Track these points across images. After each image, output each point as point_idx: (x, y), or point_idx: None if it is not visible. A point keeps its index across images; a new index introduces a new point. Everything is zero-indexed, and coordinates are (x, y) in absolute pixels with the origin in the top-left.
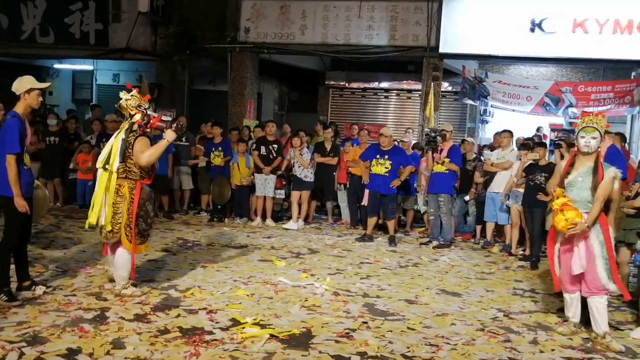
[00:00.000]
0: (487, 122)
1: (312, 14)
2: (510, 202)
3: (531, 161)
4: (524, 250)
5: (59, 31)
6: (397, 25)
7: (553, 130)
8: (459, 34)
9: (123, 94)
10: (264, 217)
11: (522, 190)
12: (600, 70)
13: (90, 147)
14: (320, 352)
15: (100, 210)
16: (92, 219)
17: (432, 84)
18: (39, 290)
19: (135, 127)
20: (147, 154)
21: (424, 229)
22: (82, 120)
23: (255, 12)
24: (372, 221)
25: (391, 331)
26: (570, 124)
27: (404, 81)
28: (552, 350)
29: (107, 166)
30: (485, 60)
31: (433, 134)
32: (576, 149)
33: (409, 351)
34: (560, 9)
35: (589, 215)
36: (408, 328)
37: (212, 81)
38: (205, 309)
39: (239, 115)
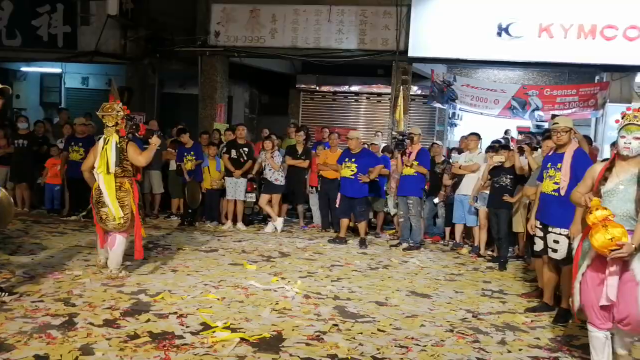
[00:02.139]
0: (455, 126)
1: (282, 17)
2: (479, 204)
3: (496, 163)
4: (492, 252)
5: (26, 34)
6: (366, 29)
7: (520, 133)
8: (427, 38)
9: (114, 105)
10: (234, 221)
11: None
12: (565, 74)
13: (59, 150)
14: (290, 355)
15: (113, 207)
16: (116, 217)
17: (402, 87)
18: (6, 296)
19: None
20: (145, 156)
21: (394, 231)
22: (51, 124)
23: (225, 15)
24: (343, 223)
25: (361, 333)
26: (537, 126)
27: (374, 85)
28: (520, 350)
29: (109, 170)
30: (453, 64)
31: (400, 137)
32: (615, 152)
33: (379, 353)
34: (526, 14)
35: (635, 234)
36: (378, 330)
37: (182, 84)
38: (175, 313)
39: (209, 119)
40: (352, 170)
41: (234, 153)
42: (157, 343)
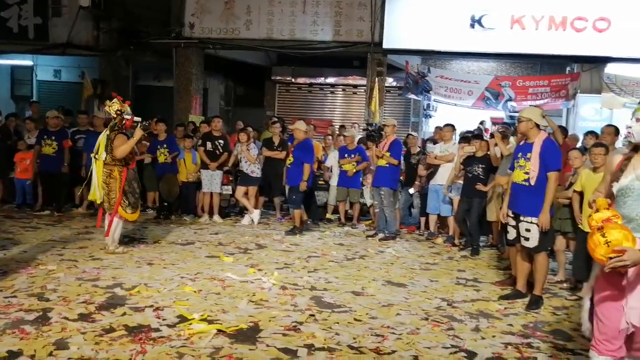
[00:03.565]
0: (430, 117)
1: (257, 9)
2: (453, 194)
3: (468, 153)
4: (466, 241)
5: None
6: (341, 20)
7: (494, 123)
8: (402, 30)
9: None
10: (211, 214)
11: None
12: (537, 65)
13: (26, 145)
14: (267, 345)
15: (98, 190)
16: (92, 196)
17: (377, 79)
18: None
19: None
20: (120, 148)
21: (370, 222)
22: (22, 117)
23: (200, 7)
24: (298, 214)
25: (338, 323)
26: (510, 117)
27: (350, 76)
28: (493, 336)
29: (96, 156)
30: (427, 55)
31: (370, 128)
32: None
33: (355, 342)
34: (498, 5)
35: None
36: (354, 319)
37: (157, 77)
38: (151, 306)
39: (184, 111)
40: (290, 160)
41: (209, 145)
42: (133, 336)
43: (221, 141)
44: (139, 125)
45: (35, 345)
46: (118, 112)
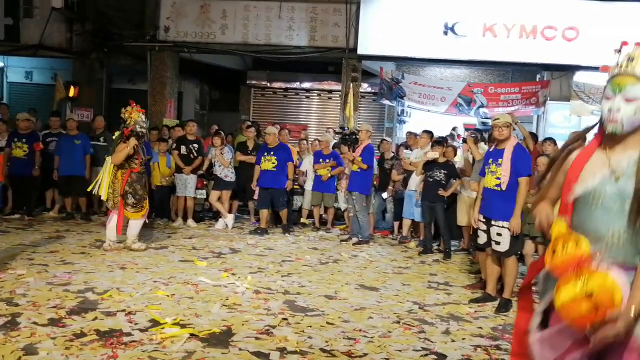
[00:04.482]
0: (404, 122)
1: (233, 13)
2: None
3: (429, 159)
4: (438, 245)
5: None
6: (316, 26)
7: (467, 129)
8: (376, 36)
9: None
10: (185, 218)
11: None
12: (509, 72)
13: None
14: (240, 349)
15: (106, 188)
16: (102, 192)
17: (351, 84)
18: None
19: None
20: (115, 156)
21: (344, 226)
22: None
23: (175, 10)
24: (264, 214)
25: (310, 326)
26: (483, 123)
27: (325, 82)
28: (463, 339)
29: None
30: (401, 62)
31: (343, 131)
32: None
33: (328, 345)
34: (470, 13)
35: (636, 282)
36: (327, 323)
37: (131, 80)
38: (123, 310)
39: (159, 115)
40: (273, 163)
41: (183, 149)
42: (105, 341)
43: (195, 145)
44: (134, 135)
45: (3, 350)
46: (135, 121)
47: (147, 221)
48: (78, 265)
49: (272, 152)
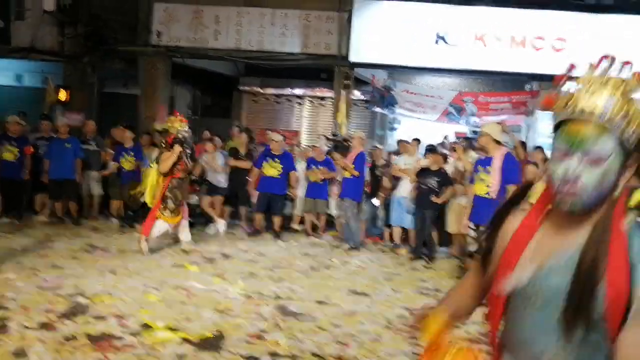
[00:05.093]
0: (395, 130)
1: (226, 19)
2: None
3: (422, 166)
4: (428, 254)
5: None
6: (309, 33)
7: (458, 138)
8: (368, 44)
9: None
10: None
11: None
12: (499, 81)
13: None
14: (232, 353)
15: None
16: (148, 200)
17: (343, 92)
18: None
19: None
20: (162, 164)
21: (336, 232)
22: None
23: (168, 15)
24: (259, 217)
25: (302, 331)
26: (473, 132)
27: (317, 88)
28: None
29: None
30: (393, 70)
31: (335, 138)
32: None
33: (319, 350)
34: (461, 23)
35: None
36: (318, 328)
37: (124, 84)
38: (115, 314)
39: (150, 120)
40: (278, 170)
41: None
42: (96, 345)
43: (188, 150)
44: (177, 140)
45: None
46: (178, 131)
47: (137, 226)
48: (69, 270)
49: (277, 159)
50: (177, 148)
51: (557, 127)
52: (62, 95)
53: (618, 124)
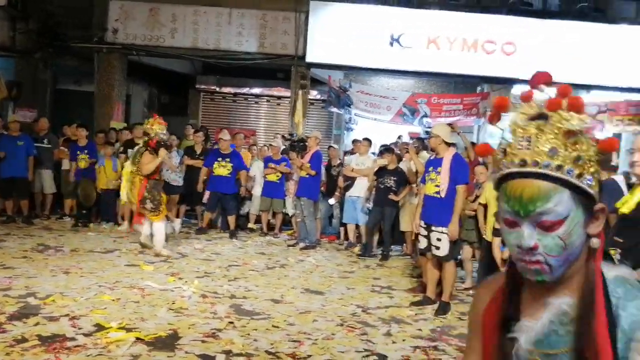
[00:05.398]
0: (351, 130)
1: (183, 17)
2: (371, 205)
3: (380, 165)
4: (382, 251)
5: None
6: (266, 33)
7: (412, 138)
8: (324, 45)
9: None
10: (131, 222)
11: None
12: (451, 84)
13: None
14: (186, 352)
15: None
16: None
17: (300, 91)
18: None
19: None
20: (147, 166)
21: (292, 231)
22: None
23: (124, 12)
24: (208, 216)
25: (256, 329)
26: (426, 132)
27: (274, 88)
28: (403, 340)
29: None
30: (349, 71)
31: (291, 138)
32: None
33: (273, 347)
34: (415, 26)
35: None
36: (273, 326)
37: (78, 81)
38: (67, 315)
39: (106, 117)
40: (228, 170)
41: (130, 153)
42: (47, 346)
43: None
44: (161, 147)
45: None
46: (156, 133)
47: (91, 225)
48: (19, 270)
49: (227, 159)
50: (163, 152)
51: (500, 181)
52: (14, 91)
53: (570, 170)
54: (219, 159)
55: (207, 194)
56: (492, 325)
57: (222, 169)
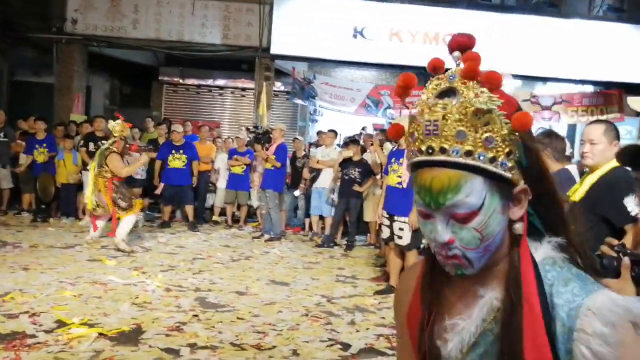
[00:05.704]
0: (316, 121)
1: (145, 8)
2: (336, 196)
3: (345, 157)
4: (347, 241)
5: None
6: (229, 24)
7: (375, 130)
8: (289, 37)
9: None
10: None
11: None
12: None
13: None
14: (150, 346)
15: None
16: (89, 204)
17: (265, 83)
18: None
19: (113, 147)
20: (126, 170)
21: (257, 223)
22: None
23: (84, 2)
24: (168, 209)
25: (221, 322)
26: (389, 124)
27: (238, 79)
28: (367, 329)
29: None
30: (313, 62)
31: (256, 131)
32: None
33: (238, 339)
34: (378, 19)
35: None
36: (237, 318)
37: (36, 72)
38: (27, 312)
39: (65, 110)
40: (183, 161)
41: (92, 146)
42: (7, 343)
43: (104, 142)
44: (145, 149)
45: None
46: (122, 137)
47: (51, 220)
48: None
49: (180, 150)
50: (145, 157)
51: (413, 168)
52: None
53: (481, 155)
54: (173, 151)
55: (161, 186)
56: (417, 325)
57: (177, 161)
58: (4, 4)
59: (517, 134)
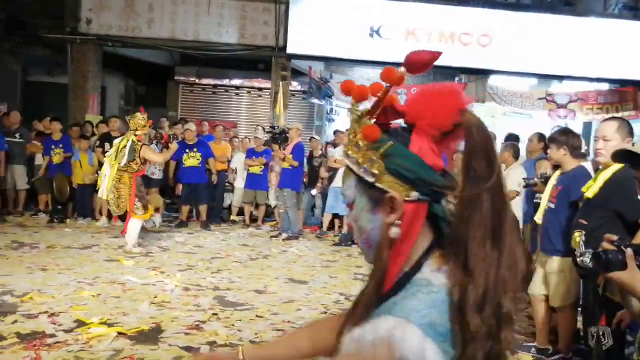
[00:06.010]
0: (333, 121)
1: (160, 7)
2: None
3: None
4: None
5: None
6: (246, 24)
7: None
8: (305, 36)
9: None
10: (109, 217)
11: None
12: (430, 74)
13: None
14: (169, 345)
15: (107, 192)
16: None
17: (281, 83)
18: None
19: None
20: (162, 156)
21: (275, 222)
22: None
23: (98, 2)
24: (186, 208)
25: (240, 320)
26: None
27: (255, 79)
28: None
29: (112, 162)
30: (329, 62)
31: (274, 131)
32: None
33: (257, 337)
34: (394, 18)
35: None
36: (257, 316)
37: (50, 72)
38: (46, 312)
39: (80, 110)
40: (198, 159)
41: (107, 147)
42: (27, 343)
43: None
44: (174, 140)
45: None
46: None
47: (67, 221)
48: None
49: (194, 149)
50: (175, 145)
51: None
52: None
53: (351, 157)
54: (187, 150)
55: (179, 187)
56: None
57: (192, 159)
58: (18, 5)
59: (374, 144)
